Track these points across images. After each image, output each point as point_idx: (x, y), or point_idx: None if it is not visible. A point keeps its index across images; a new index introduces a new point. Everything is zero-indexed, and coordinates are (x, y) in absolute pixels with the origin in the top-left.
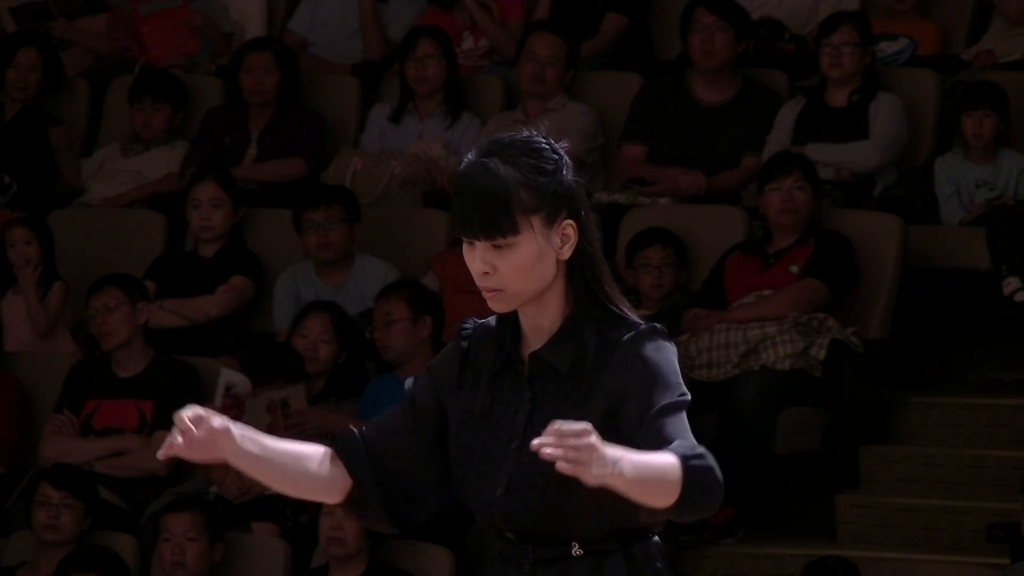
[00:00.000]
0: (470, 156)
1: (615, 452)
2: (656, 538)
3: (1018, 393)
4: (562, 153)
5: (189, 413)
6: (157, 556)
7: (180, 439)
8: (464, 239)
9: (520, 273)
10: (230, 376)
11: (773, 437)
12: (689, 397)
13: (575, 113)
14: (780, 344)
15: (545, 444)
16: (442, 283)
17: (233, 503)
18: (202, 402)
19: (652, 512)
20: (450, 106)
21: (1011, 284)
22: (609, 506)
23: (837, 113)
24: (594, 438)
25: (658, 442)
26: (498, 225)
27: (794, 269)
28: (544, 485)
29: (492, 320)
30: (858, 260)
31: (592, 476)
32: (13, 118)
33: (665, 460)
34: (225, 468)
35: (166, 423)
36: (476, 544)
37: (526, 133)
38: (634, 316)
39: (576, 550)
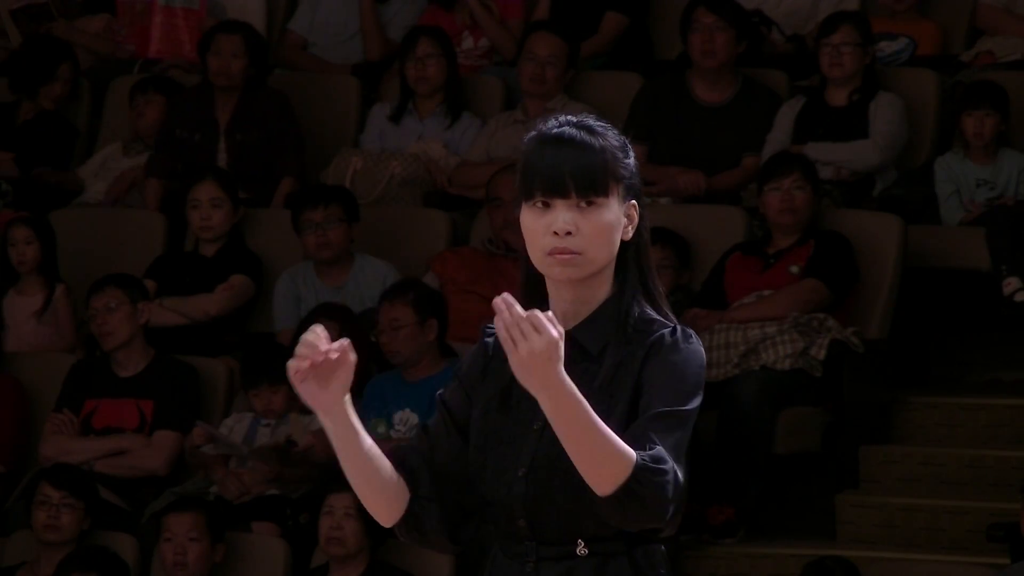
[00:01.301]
0: (541, 128)
1: (566, 376)
2: (661, 545)
3: (1018, 393)
4: (627, 138)
5: (343, 343)
6: (158, 556)
7: (306, 363)
8: (541, 199)
9: (601, 238)
10: (204, 427)
11: (773, 437)
12: (692, 407)
13: (575, 113)
14: (780, 344)
15: (506, 310)
16: (442, 283)
17: (233, 503)
18: (202, 402)
19: (600, 510)
20: (450, 106)
21: (1011, 284)
22: None
23: (837, 113)
24: (560, 341)
25: (636, 441)
26: (593, 181)
27: (794, 269)
28: (565, 468)
29: None
30: (858, 260)
31: (528, 370)
32: (31, 119)
33: (619, 443)
34: (225, 468)
35: (166, 423)
36: (476, 544)
37: (587, 116)
38: (670, 312)
39: (581, 549)
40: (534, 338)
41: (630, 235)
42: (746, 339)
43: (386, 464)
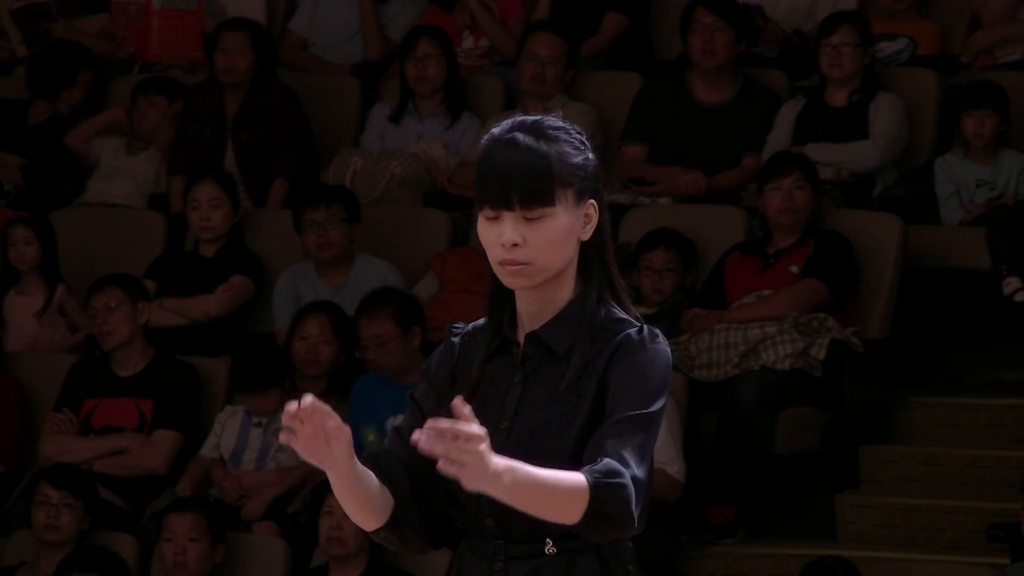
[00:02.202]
0: (494, 132)
1: (499, 464)
2: (629, 542)
3: (1018, 393)
4: (584, 136)
5: (305, 402)
6: (158, 556)
7: (295, 431)
8: (491, 211)
9: (551, 246)
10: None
11: (773, 437)
12: (657, 409)
13: (575, 113)
14: (780, 344)
15: (429, 438)
16: (442, 283)
17: (232, 506)
18: (202, 402)
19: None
20: (450, 106)
21: (1011, 284)
22: None
23: (837, 113)
24: (483, 447)
25: (594, 453)
26: (538, 193)
27: (794, 269)
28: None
29: (483, 321)
30: (858, 260)
31: (470, 482)
32: (44, 122)
33: (567, 480)
34: (223, 470)
35: (166, 422)
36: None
37: (544, 116)
38: (634, 311)
39: (550, 548)
40: (467, 453)
41: (588, 235)
42: (746, 339)
43: (374, 483)
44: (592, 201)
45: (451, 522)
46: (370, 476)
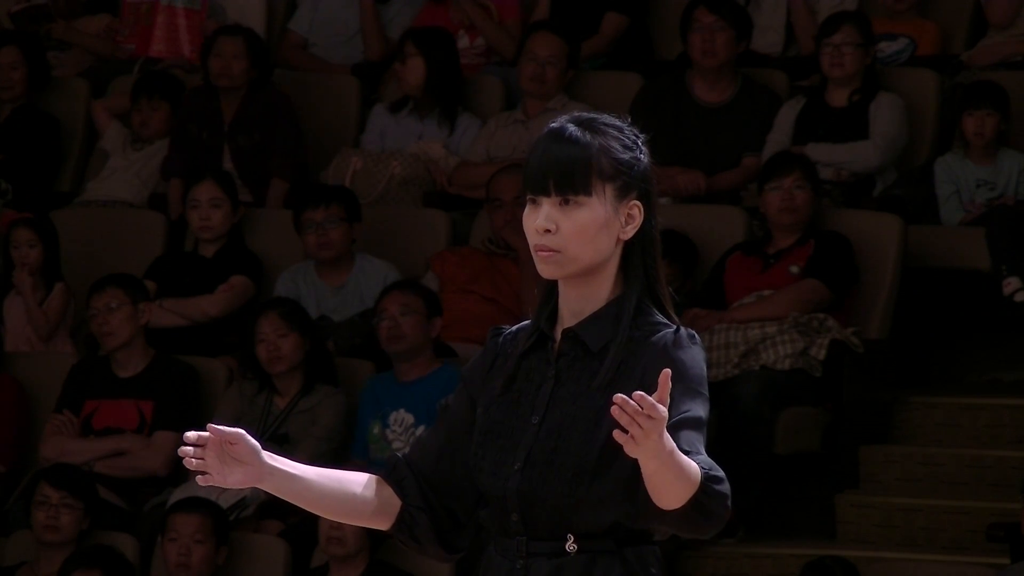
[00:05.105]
0: (553, 123)
1: (669, 444)
2: (655, 545)
3: (1018, 393)
4: (641, 137)
5: (191, 436)
6: (161, 553)
7: (203, 466)
8: (530, 196)
9: (582, 237)
10: None
11: (773, 437)
12: (707, 411)
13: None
14: (780, 344)
15: (623, 406)
16: (442, 283)
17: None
18: (202, 402)
19: (656, 519)
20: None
21: (1011, 284)
22: (618, 498)
23: (837, 113)
24: (663, 430)
25: (687, 448)
26: (572, 181)
27: (794, 269)
28: (561, 464)
29: (527, 322)
30: (858, 260)
31: (636, 452)
32: (7, 119)
33: (694, 468)
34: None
35: (166, 423)
36: (475, 550)
37: (605, 114)
38: (673, 315)
39: (570, 545)
40: (650, 431)
41: (629, 235)
42: (746, 339)
43: (354, 486)
44: (637, 202)
45: (473, 529)
46: (331, 479)
